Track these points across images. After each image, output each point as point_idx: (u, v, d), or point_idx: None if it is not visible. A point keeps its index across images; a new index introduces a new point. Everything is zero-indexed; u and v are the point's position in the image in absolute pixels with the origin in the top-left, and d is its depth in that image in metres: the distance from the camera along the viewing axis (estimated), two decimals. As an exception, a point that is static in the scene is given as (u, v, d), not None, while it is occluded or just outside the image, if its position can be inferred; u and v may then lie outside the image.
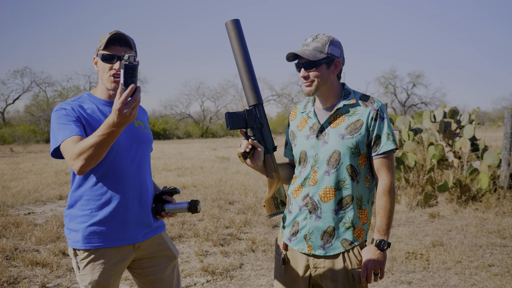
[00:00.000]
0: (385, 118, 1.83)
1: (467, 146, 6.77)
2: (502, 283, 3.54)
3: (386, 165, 1.82)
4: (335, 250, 1.84)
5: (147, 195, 1.96)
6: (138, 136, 1.94)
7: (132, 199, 1.88)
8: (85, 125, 1.80)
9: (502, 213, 5.77)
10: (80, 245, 1.84)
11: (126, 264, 1.92)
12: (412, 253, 4.29)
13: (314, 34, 1.86)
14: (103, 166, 1.83)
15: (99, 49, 1.85)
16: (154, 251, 1.99)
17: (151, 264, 1.99)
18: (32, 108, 35.64)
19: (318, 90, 1.85)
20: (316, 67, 1.81)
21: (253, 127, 1.86)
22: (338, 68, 1.85)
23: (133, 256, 1.93)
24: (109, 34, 1.83)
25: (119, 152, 1.85)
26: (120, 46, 1.83)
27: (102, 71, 1.86)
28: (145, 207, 1.94)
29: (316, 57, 1.79)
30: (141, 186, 1.92)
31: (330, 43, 1.82)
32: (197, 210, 1.94)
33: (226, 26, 1.87)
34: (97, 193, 1.84)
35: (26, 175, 10.29)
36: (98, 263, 1.84)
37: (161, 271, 2.01)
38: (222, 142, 27.68)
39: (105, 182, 1.83)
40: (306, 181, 1.88)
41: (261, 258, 4.23)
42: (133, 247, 1.91)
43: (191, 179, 9.41)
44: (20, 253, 4.35)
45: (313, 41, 1.83)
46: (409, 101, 46.49)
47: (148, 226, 1.96)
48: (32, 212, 6.35)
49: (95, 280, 1.83)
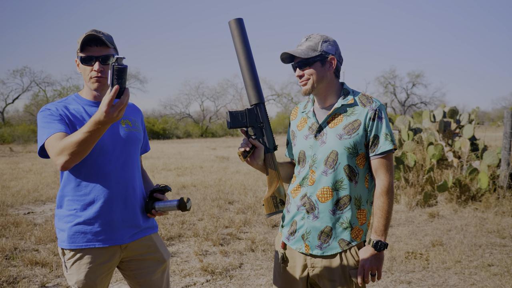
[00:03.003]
0: (384, 118, 1.82)
1: (467, 146, 6.77)
2: (501, 283, 3.54)
3: (385, 166, 1.82)
4: (332, 250, 1.84)
5: (134, 195, 1.92)
6: (123, 135, 1.91)
7: (116, 200, 1.86)
8: (69, 124, 1.80)
9: (502, 212, 5.77)
10: (66, 244, 1.84)
11: (113, 264, 1.90)
12: (411, 252, 4.29)
13: (308, 35, 1.87)
14: (86, 166, 1.82)
15: (78, 51, 1.83)
16: (142, 253, 1.96)
17: (139, 266, 1.96)
18: (32, 107, 35.66)
19: (315, 88, 1.84)
20: (310, 65, 1.81)
21: (254, 126, 1.86)
22: (333, 66, 1.84)
23: (120, 256, 1.91)
24: (84, 34, 1.80)
25: (102, 152, 1.83)
26: (96, 46, 1.81)
27: (83, 73, 1.85)
28: (131, 208, 1.91)
29: (308, 55, 1.80)
30: (127, 187, 1.89)
31: (323, 41, 1.82)
32: (187, 208, 1.92)
33: (229, 25, 1.88)
34: (81, 193, 1.83)
35: (26, 175, 10.29)
36: (83, 263, 1.84)
37: (149, 275, 1.97)
38: (221, 142, 27.67)
39: (88, 182, 1.83)
40: (304, 181, 1.88)
41: (260, 258, 4.23)
42: (119, 247, 1.90)
43: (191, 179, 9.41)
44: (19, 252, 4.35)
45: (306, 41, 1.84)
46: (409, 100, 46.51)
47: (135, 227, 1.93)
48: (32, 212, 6.35)
49: (80, 280, 1.83)
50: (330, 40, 1.84)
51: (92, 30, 1.81)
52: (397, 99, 46.37)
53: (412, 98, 46.62)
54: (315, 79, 1.82)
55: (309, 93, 1.86)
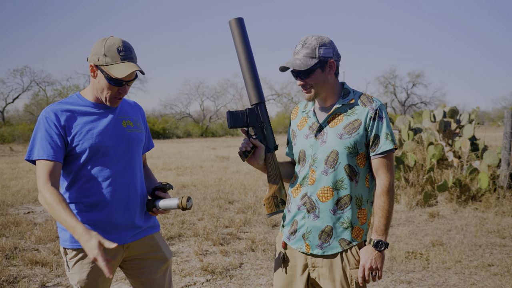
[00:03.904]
0: (384, 118, 1.82)
1: (467, 146, 6.77)
2: (501, 283, 3.54)
3: (385, 165, 1.82)
4: (333, 250, 1.84)
5: (135, 196, 1.92)
6: (125, 137, 1.90)
7: (119, 201, 1.86)
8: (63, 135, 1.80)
9: (502, 212, 5.77)
10: (69, 244, 1.85)
11: (115, 264, 1.91)
12: (411, 252, 4.29)
13: (303, 39, 1.82)
14: (88, 169, 1.83)
15: (104, 65, 1.76)
16: (145, 252, 1.97)
17: (141, 265, 1.97)
18: (32, 107, 35.65)
19: (318, 94, 1.84)
20: (311, 73, 1.79)
21: (255, 126, 1.86)
22: (333, 68, 1.83)
23: (122, 256, 1.92)
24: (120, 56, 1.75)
25: (104, 154, 1.84)
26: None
27: (102, 87, 1.82)
28: (133, 209, 1.91)
29: (308, 65, 1.77)
30: (129, 188, 1.89)
31: (319, 45, 1.78)
32: (188, 207, 1.90)
33: (230, 24, 1.87)
34: (83, 195, 1.84)
35: (26, 174, 10.29)
36: (86, 262, 1.84)
37: (152, 274, 1.98)
38: (221, 142, 27.67)
39: (90, 184, 1.83)
40: (305, 180, 1.88)
41: (260, 258, 4.23)
42: (122, 247, 1.90)
43: (191, 179, 9.41)
44: (19, 252, 4.35)
45: (302, 48, 1.80)
46: (409, 100, 46.49)
47: (137, 228, 1.93)
48: (32, 211, 6.35)
49: (83, 279, 1.84)
50: (326, 42, 1.80)
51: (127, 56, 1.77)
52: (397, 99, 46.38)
53: (412, 98, 46.64)
54: (317, 86, 1.82)
55: (313, 99, 1.86)
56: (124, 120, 1.93)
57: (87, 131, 1.82)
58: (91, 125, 1.84)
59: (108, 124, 1.87)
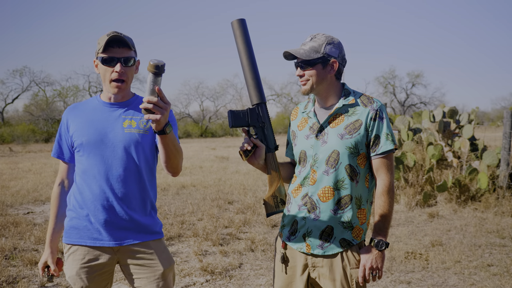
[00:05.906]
0: (385, 118, 1.83)
1: (466, 146, 6.78)
2: (501, 283, 3.54)
3: (385, 165, 1.82)
4: (333, 250, 1.84)
5: (128, 198, 1.86)
6: (121, 136, 1.86)
7: (108, 200, 1.84)
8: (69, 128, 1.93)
9: (501, 213, 5.78)
10: (64, 239, 1.93)
11: (105, 265, 1.89)
12: (411, 252, 4.30)
13: (313, 34, 1.87)
14: (83, 165, 1.89)
15: (98, 51, 1.83)
16: (137, 258, 1.89)
17: (133, 272, 1.90)
18: (31, 107, 35.56)
19: (314, 89, 1.85)
20: (311, 66, 1.82)
21: (256, 126, 1.87)
22: (334, 69, 1.84)
23: (113, 259, 1.89)
24: (107, 36, 1.81)
25: (91, 153, 1.86)
26: (118, 47, 1.82)
27: (103, 74, 1.85)
28: (124, 210, 1.85)
29: (310, 56, 1.80)
30: (120, 188, 1.85)
31: (327, 43, 1.82)
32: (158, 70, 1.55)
33: (232, 25, 1.88)
34: (77, 192, 1.90)
35: (25, 175, 10.28)
36: (75, 258, 1.88)
37: (142, 282, 1.90)
38: (221, 142, 27.67)
39: (83, 180, 1.88)
40: (305, 180, 1.88)
41: (260, 258, 4.23)
42: (112, 249, 1.88)
43: (190, 179, 9.41)
44: (19, 252, 4.35)
45: (310, 41, 1.84)
46: (408, 101, 46.48)
47: (129, 230, 1.87)
48: (31, 212, 6.35)
49: (72, 275, 1.88)
50: (335, 42, 1.84)
51: (113, 31, 1.81)
52: (397, 99, 46.37)
53: (412, 98, 46.63)
54: (314, 81, 1.83)
55: (307, 93, 1.88)
56: (127, 119, 1.90)
57: (82, 128, 1.88)
58: (88, 123, 1.89)
59: (104, 122, 1.88)
